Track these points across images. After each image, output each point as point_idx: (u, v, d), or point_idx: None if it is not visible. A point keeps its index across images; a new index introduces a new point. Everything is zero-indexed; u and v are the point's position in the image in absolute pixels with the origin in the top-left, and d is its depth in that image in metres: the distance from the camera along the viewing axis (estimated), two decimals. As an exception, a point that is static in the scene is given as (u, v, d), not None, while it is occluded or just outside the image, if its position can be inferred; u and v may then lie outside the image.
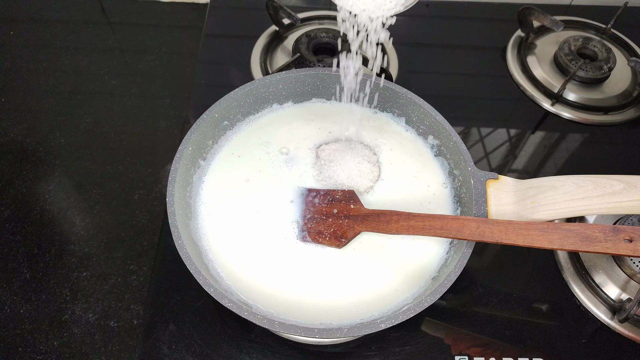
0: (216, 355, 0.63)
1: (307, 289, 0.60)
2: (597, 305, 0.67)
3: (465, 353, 0.64)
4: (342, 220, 0.62)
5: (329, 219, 0.63)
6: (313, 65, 0.85)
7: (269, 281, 0.60)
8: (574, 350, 0.64)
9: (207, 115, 0.66)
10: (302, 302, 0.59)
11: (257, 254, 0.62)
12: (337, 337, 0.52)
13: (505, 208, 0.61)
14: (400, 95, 0.71)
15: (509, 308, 0.68)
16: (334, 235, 0.61)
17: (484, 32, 1.04)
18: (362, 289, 0.60)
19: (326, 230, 0.62)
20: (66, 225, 0.83)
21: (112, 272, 0.79)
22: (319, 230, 0.62)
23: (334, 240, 0.61)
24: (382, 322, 0.50)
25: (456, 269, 0.54)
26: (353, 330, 0.50)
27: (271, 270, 0.61)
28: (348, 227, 0.62)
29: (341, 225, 0.62)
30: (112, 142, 0.94)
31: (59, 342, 0.72)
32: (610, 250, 0.50)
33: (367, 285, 0.60)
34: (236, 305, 0.51)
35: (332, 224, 0.62)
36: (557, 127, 0.88)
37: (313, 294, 0.59)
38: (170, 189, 0.59)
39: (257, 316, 0.50)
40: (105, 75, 1.04)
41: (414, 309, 0.51)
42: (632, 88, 0.92)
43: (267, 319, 0.50)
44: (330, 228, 0.62)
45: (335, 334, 0.50)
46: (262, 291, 0.59)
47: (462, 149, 0.65)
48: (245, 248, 0.62)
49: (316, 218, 0.63)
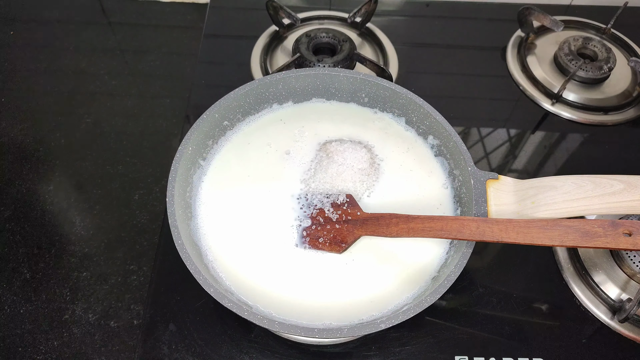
0: (216, 356, 0.63)
1: (307, 290, 0.60)
2: (597, 305, 0.67)
3: (465, 353, 0.64)
4: (341, 225, 0.62)
5: (327, 225, 0.62)
6: (313, 65, 0.85)
7: (269, 281, 0.60)
8: (574, 351, 0.64)
9: (207, 115, 0.66)
10: (302, 303, 0.59)
11: (257, 254, 0.62)
12: (337, 337, 0.52)
13: (506, 208, 0.61)
14: (400, 95, 0.71)
15: (509, 308, 0.68)
16: (333, 241, 0.61)
17: (483, 32, 1.04)
18: (362, 289, 0.60)
19: (326, 237, 0.62)
20: (66, 226, 0.83)
21: (112, 272, 0.78)
22: (318, 237, 0.62)
23: (334, 246, 0.61)
24: (382, 322, 0.50)
25: (456, 269, 0.54)
26: (353, 330, 0.50)
27: (271, 271, 0.61)
28: (347, 232, 0.61)
29: (340, 230, 0.62)
30: (112, 142, 0.94)
31: (59, 342, 0.72)
32: (610, 244, 0.50)
33: (367, 286, 0.60)
34: (236, 305, 0.51)
35: (331, 230, 0.62)
36: (557, 127, 0.88)
37: (313, 295, 0.59)
38: (170, 189, 0.59)
39: (257, 316, 0.50)
40: (106, 75, 1.04)
41: (414, 309, 0.51)
42: (632, 88, 0.92)
43: (267, 319, 0.50)
44: (329, 234, 0.62)
45: (336, 334, 0.50)
46: (262, 292, 0.59)
47: (462, 149, 0.64)
48: (245, 248, 0.62)
49: (315, 224, 0.63)
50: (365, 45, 0.97)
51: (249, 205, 0.66)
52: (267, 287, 0.59)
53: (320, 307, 0.59)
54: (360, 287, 0.60)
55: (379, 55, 0.95)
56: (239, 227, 0.64)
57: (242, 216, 0.65)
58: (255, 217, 0.65)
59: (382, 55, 0.95)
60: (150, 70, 1.05)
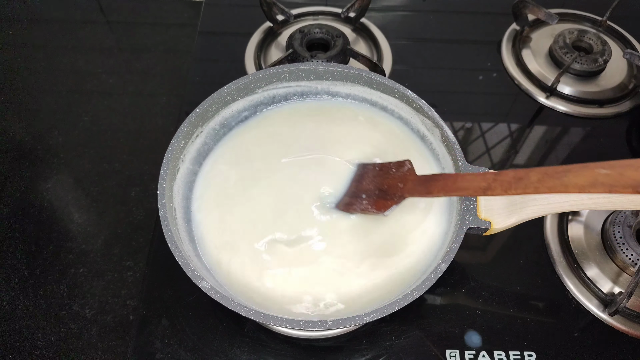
0: (208, 350, 0.63)
1: (296, 284, 0.60)
2: (589, 299, 0.67)
3: (457, 347, 0.64)
4: (388, 186, 0.61)
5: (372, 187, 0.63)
6: (307, 61, 0.85)
7: (259, 276, 0.61)
8: (567, 344, 0.64)
9: (200, 109, 0.67)
10: (290, 296, 0.59)
11: (248, 249, 0.63)
12: (321, 329, 0.52)
13: (494, 202, 0.61)
14: (394, 91, 0.71)
15: (500, 302, 0.68)
16: (377, 202, 0.61)
17: (479, 26, 1.03)
18: (350, 283, 0.60)
19: (369, 198, 0.62)
20: (64, 223, 0.84)
21: (108, 269, 0.79)
22: (362, 196, 0.62)
23: (380, 206, 0.61)
24: (367, 315, 0.51)
25: (443, 263, 0.54)
26: (337, 323, 0.50)
27: (262, 266, 0.61)
28: (393, 192, 0.61)
29: (386, 191, 0.61)
30: (109, 140, 0.94)
31: (56, 337, 0.73)
32: None
33: (356, 279, 0.60)
34: (223, 297, 0.51)
35: (375, 191, 0.62)
36: (553, 120, 0.88)
37: (302, 289, 0.60)
38: (162, 182, 0.60)
39: (243, 307, 0.51)
40: (103, 74, 1.04)
41: (399, 303, 0.51)
42: (628, 80, 0.91)
43: (253, 310, 0.51)
44: (373, 195, 0.62)
45: (320, 327, 0.50)
46: (252, 285, 0.60)
47: (453, 144, 0.65)
48: (236, 242, 0.63)
49: (367, 188, 0.63)
50: (359, 40, 0.97)
51: (240, 199, 0.66)
52: (256, 282, 0.60)
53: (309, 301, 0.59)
54: (348, 281, 0.60)
55: (373, 50, 0.95)
56: (231, 222, 0.65)
57: (234, 210, 0.65)
58: (247, 211, 0.65)
59: (377, 51, 0.95)
60: (147, 68, 1.06)
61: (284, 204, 0.66)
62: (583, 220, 0.73)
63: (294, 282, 0.60)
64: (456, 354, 0.63)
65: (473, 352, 0.63)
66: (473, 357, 0.63)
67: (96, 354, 0.72)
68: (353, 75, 0.72)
